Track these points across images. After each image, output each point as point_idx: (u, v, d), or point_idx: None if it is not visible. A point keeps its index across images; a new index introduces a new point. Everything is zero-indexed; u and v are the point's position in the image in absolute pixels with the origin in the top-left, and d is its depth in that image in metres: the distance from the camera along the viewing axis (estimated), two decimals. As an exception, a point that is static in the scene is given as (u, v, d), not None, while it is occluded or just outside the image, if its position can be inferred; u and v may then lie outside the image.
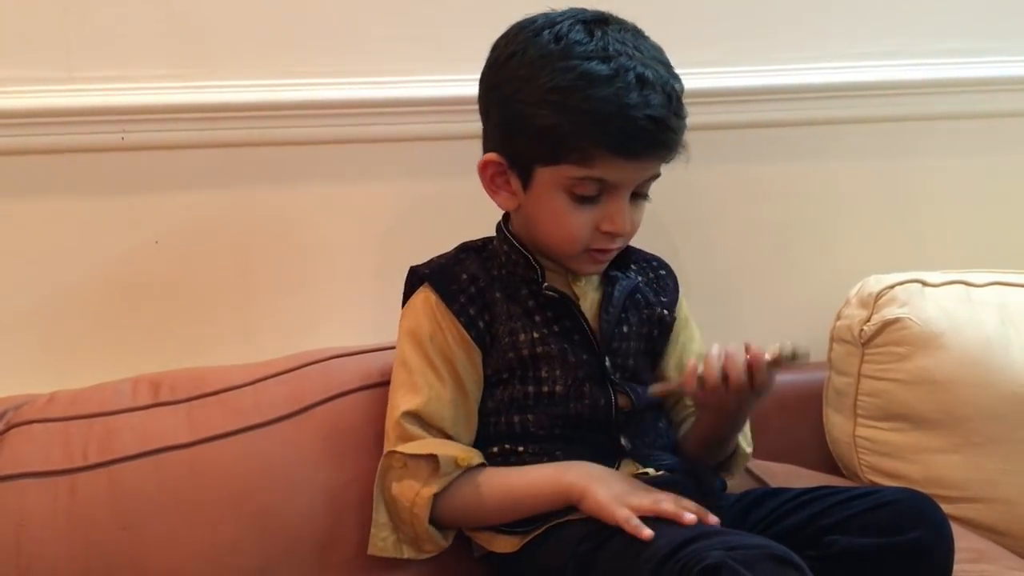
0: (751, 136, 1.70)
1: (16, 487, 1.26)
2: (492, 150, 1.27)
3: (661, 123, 1.21)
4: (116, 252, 1.54)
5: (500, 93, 1.25)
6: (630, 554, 1.13)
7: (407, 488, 1.25)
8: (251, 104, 1.52)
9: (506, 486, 1.25)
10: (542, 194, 1.26)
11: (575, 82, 1.20)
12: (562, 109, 1.20)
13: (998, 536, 1.48)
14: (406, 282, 1.34)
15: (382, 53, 1.56)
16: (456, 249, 1.35)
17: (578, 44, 1.21)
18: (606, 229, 1.25)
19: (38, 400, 1.36)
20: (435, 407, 1.27)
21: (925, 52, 1.72)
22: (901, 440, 1.55)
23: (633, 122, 1.19)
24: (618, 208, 1.25)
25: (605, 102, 1.19)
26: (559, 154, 1.22)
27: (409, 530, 1.26)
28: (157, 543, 1.25)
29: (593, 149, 1.20)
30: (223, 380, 1.38)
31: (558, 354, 1.28)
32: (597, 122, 1.19)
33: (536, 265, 1.30)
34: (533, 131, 1.22)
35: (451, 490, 1.25)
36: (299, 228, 1.59)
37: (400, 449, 1.25)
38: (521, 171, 1.26)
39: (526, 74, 1.22)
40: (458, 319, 1.28)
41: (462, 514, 1.27)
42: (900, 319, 1.53)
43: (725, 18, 1.67)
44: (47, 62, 1.47)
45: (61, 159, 1.50)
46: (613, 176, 1.23)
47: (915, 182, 1.76)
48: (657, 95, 1.21)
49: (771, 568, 1.04)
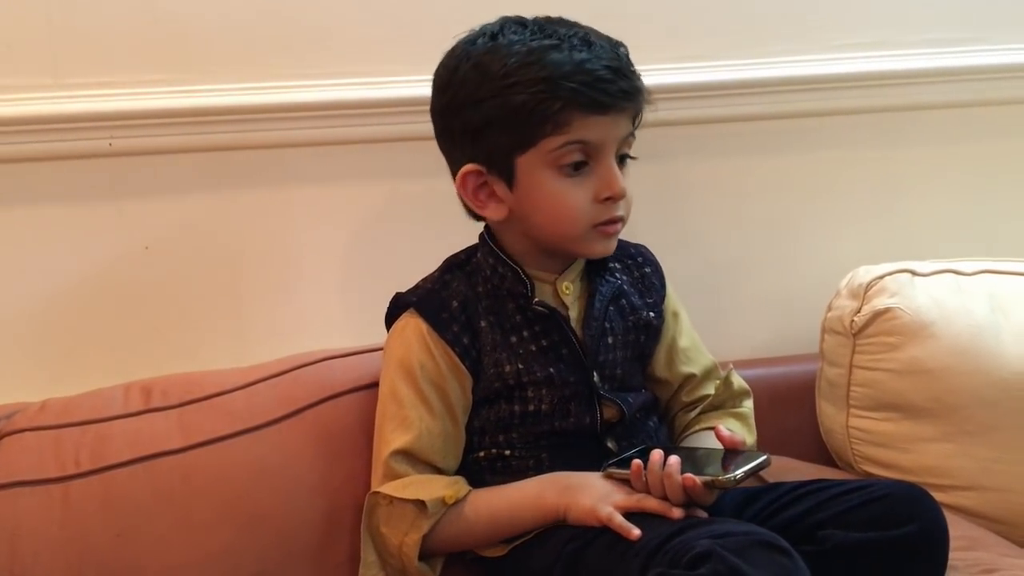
0: (739, 129, 1.70)
1: (9, 496, 1.26)
2: (464, 163, 1.26)
3: (619, 71, 1.22)
4: (106, 258, 1.53)
5: (454, 105, 1.26)
6: (618, 549, 1.13)
7: (395, 530, 1.23)
8: (239, 107, 1.52)
9: (491, 515, 1.25)
10: (530, 183, 1.24)
11: (526, 59, 1.21)
12: (523, 86, 1.20)
13: (992, 524, 1.48)
14: (390, 307, 1.32)
15: (369, 54, 1.56)
16: (440, 270, 1.33)
17: (515, 35, 1.24)
18: (605, 195, 1.24)
19: (30, 408, 1.36)
20: (426, 441, 1.26)
21: (911, 43, 1.72)
22: (894, 430, 1.55)
23: (592, 73, 1.20)
24: (608, 169, 1.24)
25: (561, 64, 1.20)
26: (533, 132, 1.22)
27: (398, 564, 1.25)
28: (151, 549, 1.25)
29: (565, 112, 1.21)
30: (215, 384, 1.37)
31: (543, 380, 1.27)
32: (561, 84, 1.20)
33: (526, 279, 1.29)
34: (501, 120, 1.22)
35: (439, 526, 1.23)
36: (289, 231, 1.59)
37: (385, 491, 1.24)
38: (502, 170, 1.25)
39: (475, 75, 1.23)
40: (452, 348, 1.26)
41: (450, 544, 1.26)
42: (890, 309, 1.53)
43: (711, 12, 1.67)
44: (33, 69, 1.47)
45: (49, 166, 1.50)
46: (592, 135, 1.23)
47: (903, 172, 1.76)
48: (605, 49, 1.23)
49: (760, 554, 1.04)
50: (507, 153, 1.24)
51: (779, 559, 1.05)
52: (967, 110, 1.75)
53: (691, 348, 1.40)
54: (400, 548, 1.23)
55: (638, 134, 1.31)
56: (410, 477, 1.25)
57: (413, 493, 1.23)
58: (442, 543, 1.25)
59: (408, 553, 1.23)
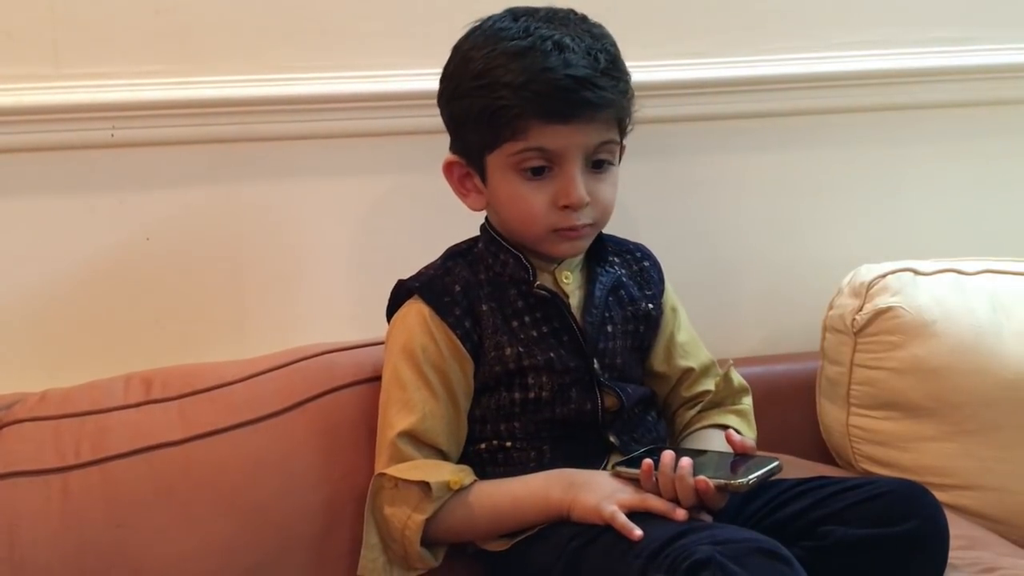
0: (740, 126, 1.70)
1: (8, 486, 1.25)
2: (450, 152, 1.31)
3: (583, 81, 1.21)
4: (107, 249, 1.53)
5: (445, 94, 1.30)
6: (618, 550, 1.13)
7: (399, 512, 1.23)
8: (242, 99, 1.52)
9: (495, 507, 1.25)
10: (498, 181, 1.27)
11: (496, 60, 1.23)
12: (486, 89, 1.23)
13: (992, 523, 1.48)
14: (392, 295, 1.33)
15: (372, 47, 1.56)
16: (443, 257, 1.34)
17: (501, 31, 1.25)
18: (562, 203, 1.25)
19: (29, 399, 1.36)
20: (429, 424, 1.26)
21: (913, 41, 1.72)
22: (894, 428, 1.55)
23: (552, 83, 1.21)
24: (569, 178, 1.24)
25: (525, 71, 1.21)
26: (496, 134, 1.24)
27: (400, 550, 1.25)
28: (150, 541, 1.25)
29: (523, 120, 1.22)
30: (215, 376, 1.37)
31: (544, 364, 1.28)
32: (519, 90, 1.21)
33: (527, 264, 1.30)
34: (470, 120, 1.26)
35: (442, 512, 1.23)
36: (291, 223, 1.58)
37: (392, 472, 1.24)
38: (476, 165, 1.29)
39: (457, 71, 1.27)
40: (454, 331, 1.27)
41: (453, 534, 1.26)
42: (892, 308, 1.53)
43: (712, 8, 1.66)
44: (34, 59, 1.47)
45: (50, 156, 1.49)
46: (551, 143, 1.23)
47: (905, 171, 1.76)
48: (577, 56, 1.22)
49: (760, 562, 1.04)
50: (479, 150, 1.27)
51: (779, 567, 1.05)
52: (970, 109, 1.75)
53: (689, 343, 1.40)
54: (403, 531, 1.23)
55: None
56: (416, 460, 1.25)
57: (419, 475, 1.23)
58: (444, 531, 1.25)
59: (410, 536, 1.23)
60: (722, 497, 1.17)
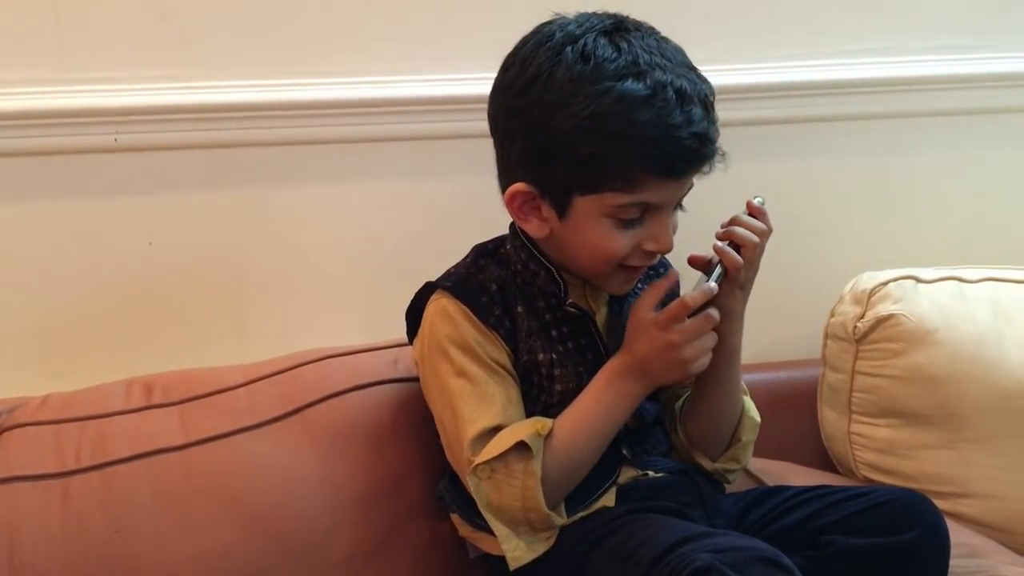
0: (744, 133, 1.68)
1: (8, 491, 1.26)
2: (519, 179, 1.20)
3: (704, 138, 1.16)
4: (109, 254, 1.53)
5: (525, 120, 1.18)
6: (620, 556, 1.13)
7: (510, 488, 1.17)
8: (245, 104, 1.52)
9: (581, 428, 1.21)
10: (582, 222, 1.19)
11: (613, 107, 1.13)
12: (603, 137, 1.14)
13: (993, 532, 1.48)
14: (417, 296, 1.29)
15: (376, 52, 1.56)
16: (472, 255, 1.30)
17: (607, 61, 1.15)
18: (649, 248, 1.21)
19: (31, 403, 1.36)
20: (510, 412, 1.21)
21: (917, 49, 1.72)
22: (896, 436, 1.55)
23: (679, 143, 1.14)
24: (662, 227, 1.20)
25: (649, 126, 1.13)
26: (601, 182, 1.16)
27: (526, 525, 1.19)
28: (151, 546, 1.25)
29: (639, 175, 1.15)
30: (216, 381, 1.37)
31: (574, 378, 1.25)
32: (642, 148, 1.14)
33: (560, 280, 1.26)
34: (571, 160, 1.15)
35: (545, 463, 1.18)
36: (292, 229, 1.58)
37: (483, 458, 1.18)
38: (556, 200, 1.19)
39: (555, 100, 1.15)
40: (497, 332, 1.23)
41: (563, 480, 1.21)
42: (894, 315, 1.53)
43: (718, 15, 1.66)
44: (38, 63, 1.47)
45: (53, 161, 1.49)
46: (658, 198, 1.18)
47: (908, 178, 1.76)
48: (697, 108, 1.15)
49: (760, 571, 1.04)
50: (568, 189, 1.18)
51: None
52: (974, 117, 1.75)
53: None
54: (523, 503, 1.17)
55: None
56: (497, 438, 1.19)
57: (508, 442, 1.17)
58: (555, 482, 1.19)
59: (533, 504, 1.17)
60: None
